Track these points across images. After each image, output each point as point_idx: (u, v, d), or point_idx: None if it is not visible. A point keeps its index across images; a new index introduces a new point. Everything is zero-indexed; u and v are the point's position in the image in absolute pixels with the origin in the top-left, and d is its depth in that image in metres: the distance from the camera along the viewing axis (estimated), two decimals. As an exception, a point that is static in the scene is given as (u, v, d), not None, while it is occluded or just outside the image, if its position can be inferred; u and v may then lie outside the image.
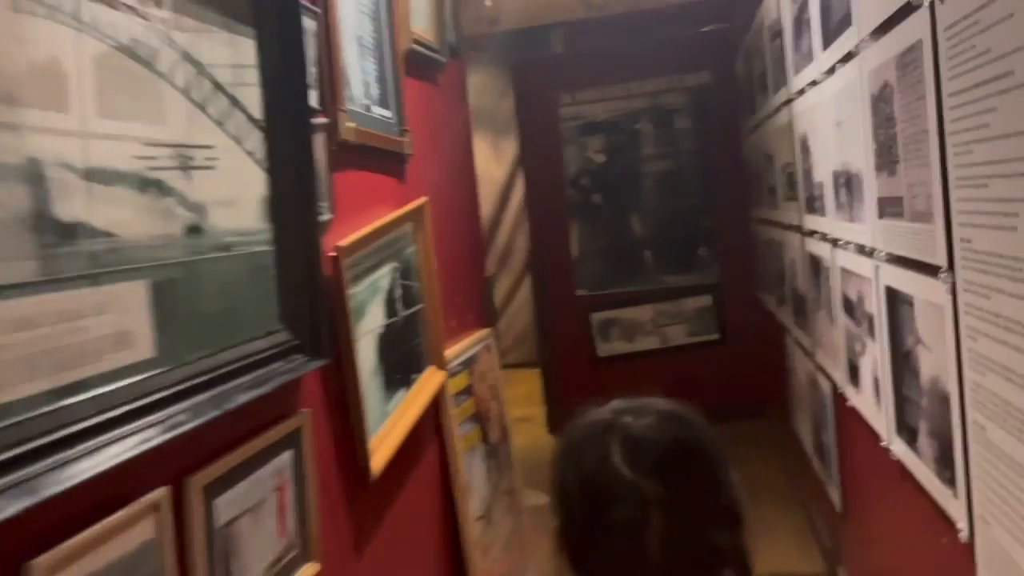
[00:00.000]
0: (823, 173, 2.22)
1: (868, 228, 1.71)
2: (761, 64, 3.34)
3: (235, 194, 1.21)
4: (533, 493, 4.07)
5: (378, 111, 1.98)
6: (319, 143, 1.53)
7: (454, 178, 2.88)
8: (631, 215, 5.00)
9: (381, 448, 1.69)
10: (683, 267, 4.95)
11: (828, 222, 2.18)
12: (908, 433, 1.57)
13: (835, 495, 2.50)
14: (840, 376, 2.20)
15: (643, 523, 0.78)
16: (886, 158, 1.52)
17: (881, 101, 1.51)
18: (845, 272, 2.03)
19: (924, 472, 1.48)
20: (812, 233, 2.48)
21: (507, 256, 7.76)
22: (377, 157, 1.94)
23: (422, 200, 2.19)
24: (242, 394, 1.10)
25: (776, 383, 4.14)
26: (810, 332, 2.65)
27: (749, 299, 4.76)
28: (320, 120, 1.58)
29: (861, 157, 1.70)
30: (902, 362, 1.56)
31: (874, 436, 1.84)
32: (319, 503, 1.38)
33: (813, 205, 2.40)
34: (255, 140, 1.27)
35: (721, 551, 0.80)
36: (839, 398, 2.29)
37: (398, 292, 2.00)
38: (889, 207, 1.53)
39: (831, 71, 1.95)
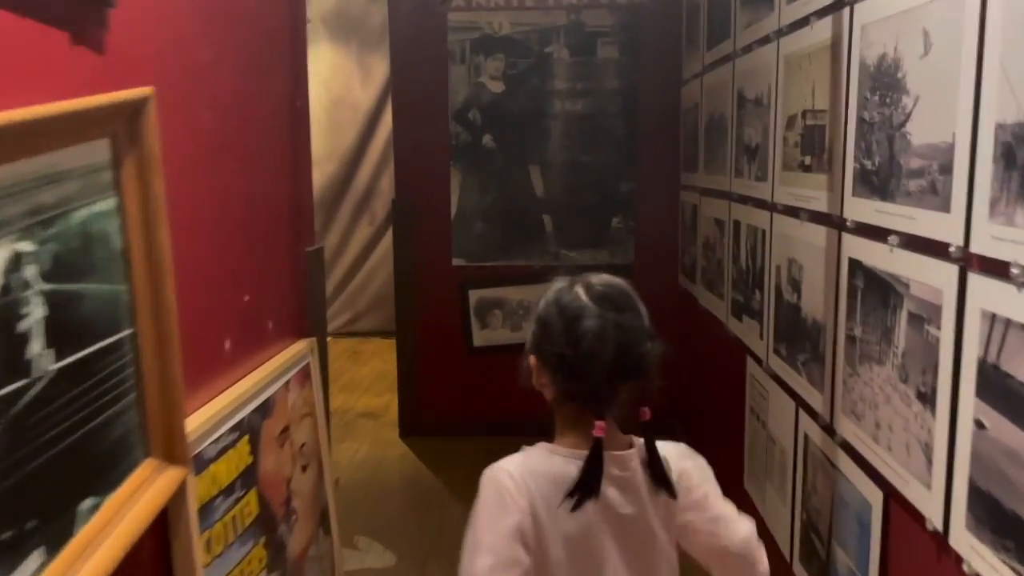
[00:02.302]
0: (939, 134, 1.21)
1: None
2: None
3: None
4: (367, 548, 2.98)
5: None
6: None
7: (255, 87, 1.69)
8: (531, 168, 3.92)
9: None
10: (591, 241, 3.95)
11: (951, 223, 1.19)
12: None
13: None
14: (915, 491, 1.26)
15: (602, 333, 1.13)
16: None
17: None
18: (992, 319, 1.05)
19: None
20: (872, 232, 1.50)
21: (367, 200, 6.51)
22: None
23: (139, 93, 1.00)
24: None
25: (694, 399, 3.25)
26: (831, 390, 1.69)
27: (670, 288, 3.84)
28: None
29: None
30: None
31: None
32: None
33: (887, 185, 1.40)
34: None
35: (648, 354, 1.16)
36: (895, 515, 1.37)
37: (35, 315, 0.82)
38: None
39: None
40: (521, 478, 1.11)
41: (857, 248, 1.55)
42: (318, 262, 1.99)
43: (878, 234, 1.44)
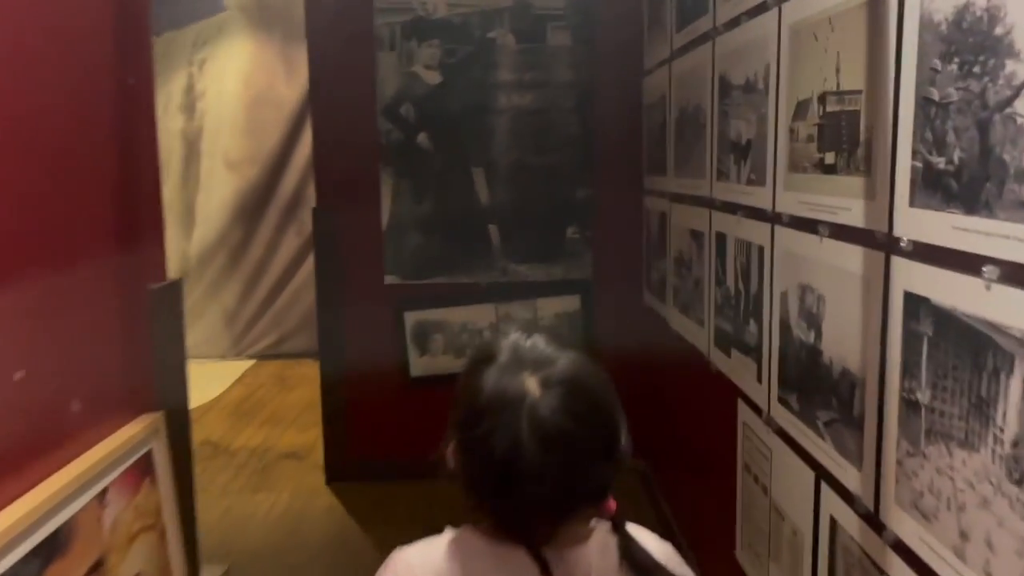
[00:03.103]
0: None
1: None
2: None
3: None
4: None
5: None
6: None
7: (51, 58, 1.19)
8: (474, 171, 3.46)
9: None
10: (543, 254, 3.51)
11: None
12: None
13: None
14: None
15: (554, 438, 0.84)
16: None
17: None
18: None
19: None
20: (948, 258, 1.08)
21: (294, 208, 5.96)
22: None
23: None
24: None
25: (664, 436, 2.83)
26: (875, 468, 1.27)
27: (633, 306, 3.42)
28: None
29: None
30: None
31: None
32: None
33: (976, 192, 0.98)
34: None
35: (611, 477, 0.89)
36: None
37: None
38: None
39: None
40: None
41: (921, 279, 1.12)
42: (169, 303, 1.49)
43: (960, 261, 1.02)
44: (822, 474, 1.49)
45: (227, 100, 5.99)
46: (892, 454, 1.20)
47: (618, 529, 0.92)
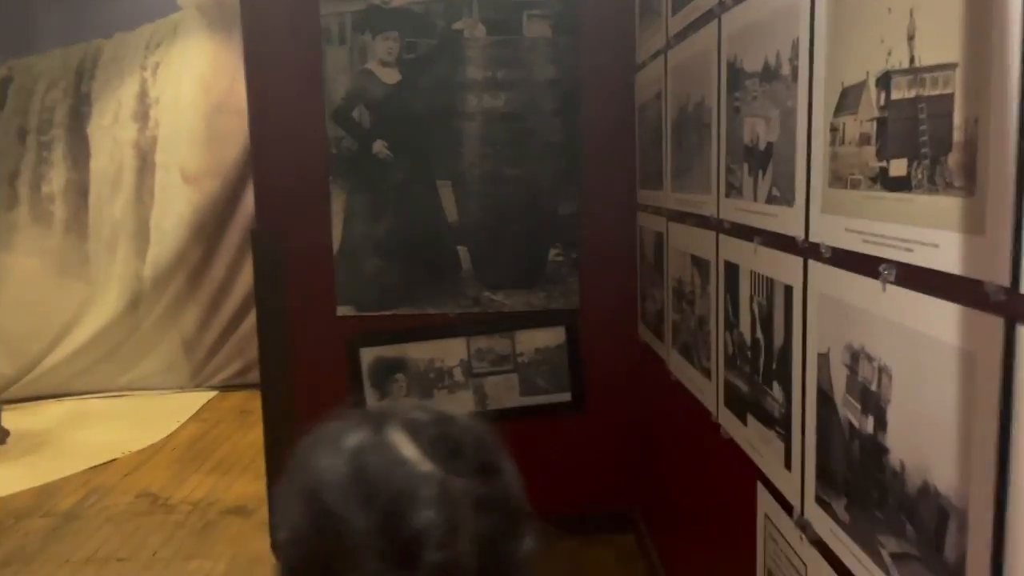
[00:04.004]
0: None
1: None
2: None
3: None
4: None
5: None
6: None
7: None
8: (440, 184, 3.02)
9: None
10: (522, 279, 3.07)
11: None
12: None
13: None
14: None
15: (456, 526, 0.64)
16: None
17: None
18: None
19: None
20: None
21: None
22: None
23: None
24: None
25: (661, 492, 2.38)
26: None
27: (627, 339, 2.98)
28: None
29: None
30: None
31: None
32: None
33: None
34: None
35: (530, 558, 0.70)
36: None
37: None
38: None
39: None
40: None
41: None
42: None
43: None
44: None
45: (184, 107, 5.56)
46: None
47: None
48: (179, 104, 5.58)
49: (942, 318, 0.89)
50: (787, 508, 1.39)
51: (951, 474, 0.88)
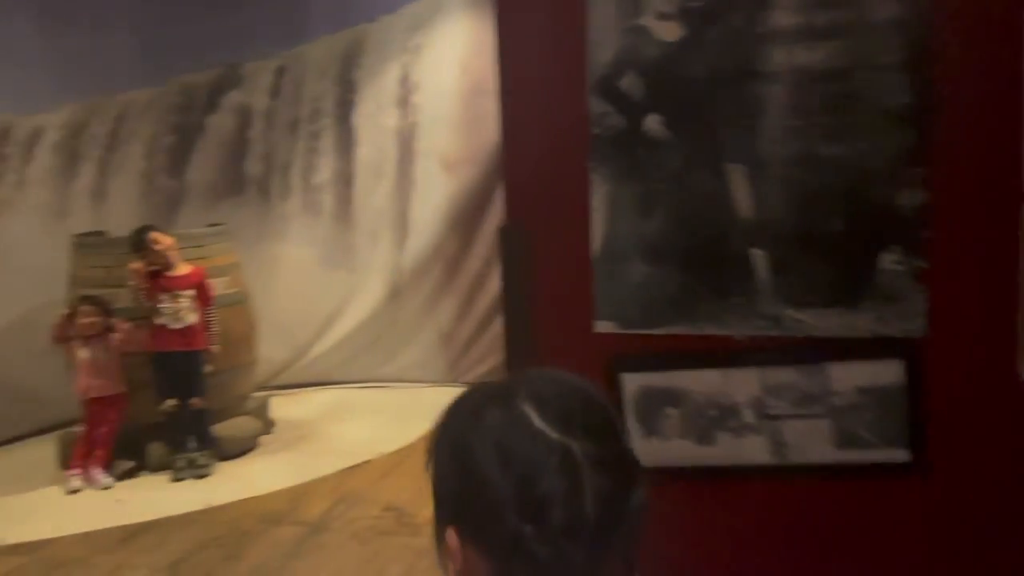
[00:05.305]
0: None
1: None
2: None
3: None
4: None
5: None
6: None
7: None
8: (730, 169, 2.38)
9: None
10: (840, 294, 2.34)
11: None
12: None
13: None
14: None
15: (579, 489, 0.81)
16: None
17: None
18: None
19: None
20: None
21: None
22: None
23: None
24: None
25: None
26: None
27: (1001, 384, 2.14)
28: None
29: None
30: None
31: None
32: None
33: None
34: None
35: (642, 507, 0.88)
36: None
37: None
38: None
39: None
40: None
41: None
42: None
43: None
44: None
45: (444, 91, 5.39)
46: None
47: None
48: (440, 88, 5.42)
49: None
50: None
51: None
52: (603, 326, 2.53)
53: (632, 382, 2.54)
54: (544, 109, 2.51)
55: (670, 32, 2.36)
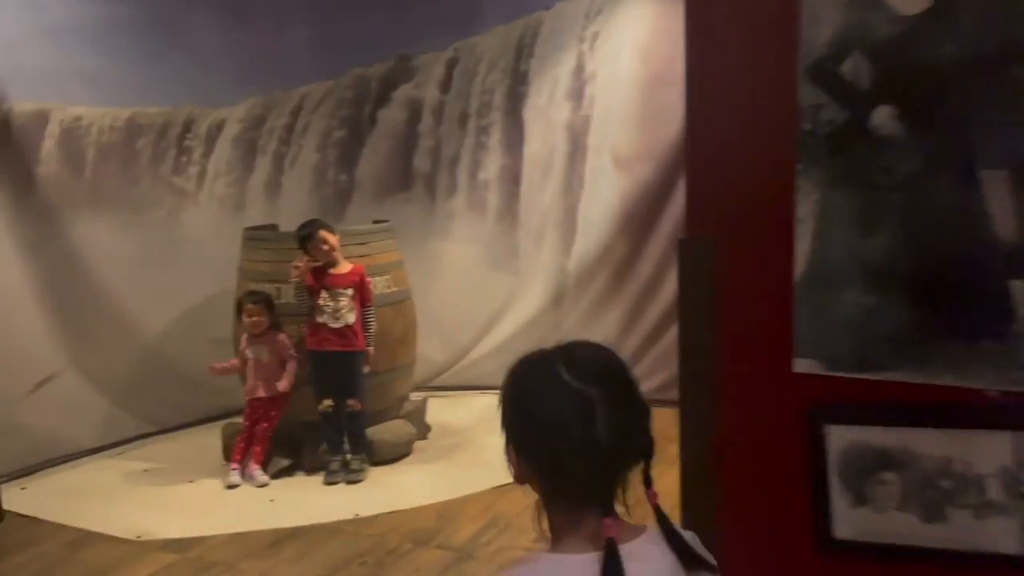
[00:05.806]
0: None
1: None
2: None
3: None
4: None
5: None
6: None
7: None
8: (984, 176, 1.88)
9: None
10: None
11: None
12: None
13: None
14: None
15: (594, 417, 1.14)
16: None
17: None
18: None
19: None
20: None
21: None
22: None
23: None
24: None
25: None
26: None
27: None
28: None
29: None
30: None
31: None
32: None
33: None
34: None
35: (646, 437, 1.22)
36: None
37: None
38: None
39: None
40: None
41: None
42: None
43: None
44: None
45: (621, 82, 5.02)
46: None
47: (662, 518, 1.25)
48: (616, 78, 5.05)
49: None
50: None
51: None
52: (804, 365, 2.08)
53: (839, 437, 2.08)
54: (739, 100, 2.10)
55: (911, 4, 1.89)
